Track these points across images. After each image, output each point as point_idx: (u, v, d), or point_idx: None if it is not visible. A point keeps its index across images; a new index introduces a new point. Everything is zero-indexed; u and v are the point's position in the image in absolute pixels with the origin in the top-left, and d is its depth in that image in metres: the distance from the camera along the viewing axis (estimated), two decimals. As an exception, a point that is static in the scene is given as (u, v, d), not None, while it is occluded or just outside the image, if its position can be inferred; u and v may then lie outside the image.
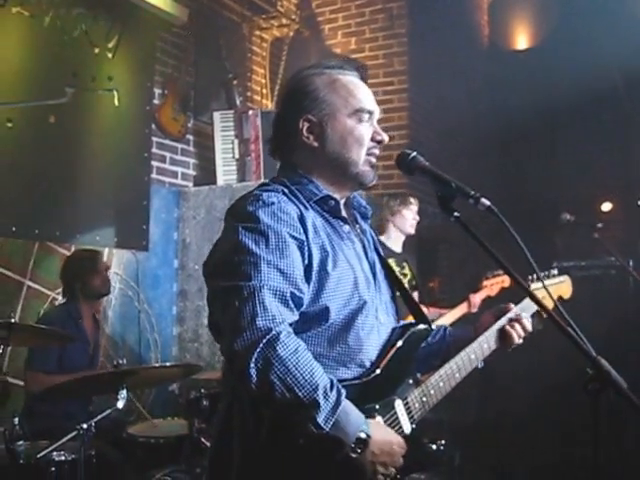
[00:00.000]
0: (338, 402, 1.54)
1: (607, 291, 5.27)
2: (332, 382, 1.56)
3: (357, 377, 1.72)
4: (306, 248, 1.68)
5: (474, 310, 4.43)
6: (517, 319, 2.01)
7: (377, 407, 1.72)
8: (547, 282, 2.20)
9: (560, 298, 2.28)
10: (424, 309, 2.02)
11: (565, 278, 2.33)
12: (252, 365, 1.51)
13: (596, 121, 6.74)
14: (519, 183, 6.91)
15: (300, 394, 1.50)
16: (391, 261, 4.29)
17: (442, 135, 6.83)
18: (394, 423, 1.74)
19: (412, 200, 4.31)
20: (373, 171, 1.83)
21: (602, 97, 6.35)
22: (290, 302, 1.61)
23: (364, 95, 1.84)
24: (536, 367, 5.11)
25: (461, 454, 5.57)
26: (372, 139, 1.82)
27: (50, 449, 2.93)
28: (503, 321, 2.01)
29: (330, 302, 1.69)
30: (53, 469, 2.93)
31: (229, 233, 1.69)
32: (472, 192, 1.67)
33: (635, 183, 6.39)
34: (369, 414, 1.66)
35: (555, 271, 2.29)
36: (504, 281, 4.15)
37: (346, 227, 1.85)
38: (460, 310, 4.41)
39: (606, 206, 7.16)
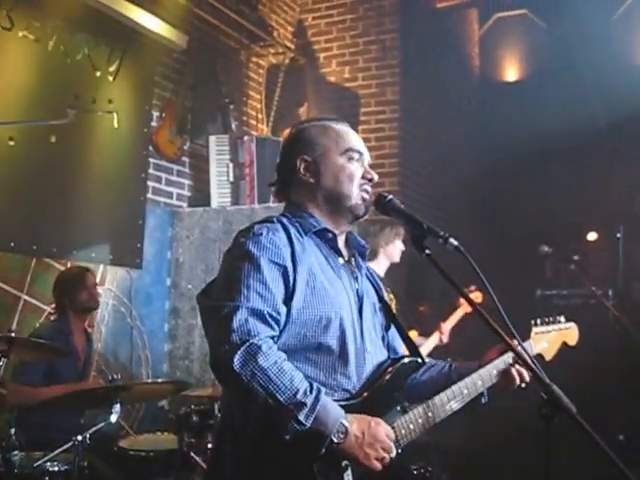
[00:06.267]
0: (317, 399, 1.70)
1: (587, 320, 5.36)
2: (311, 385, 1.73)
3: (344, 399, 1.85)
4: (291, 273, 1.85)
5: (445, 340, 4.49)
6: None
7: None
8: (551, 327, 2.31)
9: (565, 344, 2.36)
10: None
11: (571, 325, 2.40)
12: (235, 374, 1.69)
13: (583, 154, 6.90)
14: (512, 213, 7.04)
15: (282, 399, 1.68)
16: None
17: (434, 164, 6.99)
18: None
19: (402, 231, 4.42)
20: (365, 205, 2.02)
21: (587, 131, 6.51)
22: (268, 319, 1.78)
23: (353, 139, 2.05)
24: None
25: (448, 476, 5.64)
26: (363, 177, 2.02)
27: (44, 459, 3.03)
28: (500, 362, 2.09)
29: (313, 322, 1.85)
30: (47, 479, 3.03)
31: (223, 264, 1.92)
32: (442, 233, 1.85)
33: (617, 215, 6.56)
34: None
35: (562, 318, 2.37)
36: (477, 297, 4.24)
37: (340, 260, 2.02)
38: (433, 341, 4.47)
39: (592, 236, 7.33)
